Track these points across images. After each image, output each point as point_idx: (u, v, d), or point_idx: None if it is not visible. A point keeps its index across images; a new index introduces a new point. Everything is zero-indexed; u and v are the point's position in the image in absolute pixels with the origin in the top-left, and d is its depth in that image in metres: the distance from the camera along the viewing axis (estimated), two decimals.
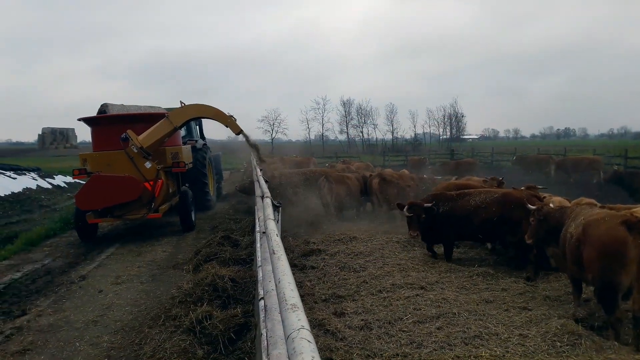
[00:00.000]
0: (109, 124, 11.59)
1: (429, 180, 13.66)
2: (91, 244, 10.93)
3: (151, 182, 11.01)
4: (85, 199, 10.51)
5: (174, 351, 4.89)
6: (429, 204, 8.13)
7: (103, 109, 12.35)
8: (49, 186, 20.77)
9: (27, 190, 18.60)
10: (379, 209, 12.94)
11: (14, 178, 19.53)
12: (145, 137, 10.96)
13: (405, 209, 8.17)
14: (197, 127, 17.44)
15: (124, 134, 10.74)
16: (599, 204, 7.21)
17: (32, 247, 10.66)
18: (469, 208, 7.99)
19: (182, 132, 14.17)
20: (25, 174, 21.16)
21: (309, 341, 1.78)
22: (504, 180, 11.08)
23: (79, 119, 12.05)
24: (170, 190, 12.32)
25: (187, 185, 13.36)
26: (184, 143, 14.14)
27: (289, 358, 1.80)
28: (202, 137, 17.67)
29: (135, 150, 10.80)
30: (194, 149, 14.56)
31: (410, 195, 11.38)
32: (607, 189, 17.89)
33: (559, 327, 5.15)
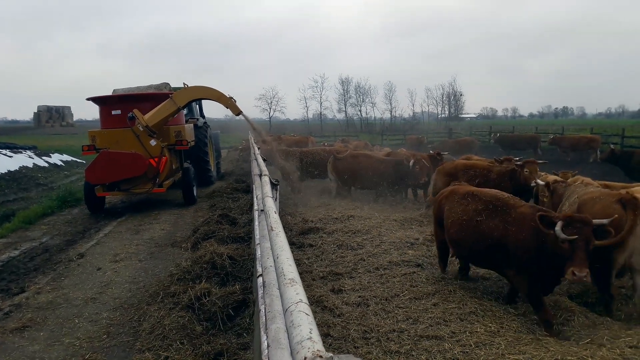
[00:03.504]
0: (117, 103, 12.19)
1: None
2: (89, 222, 10.97)
3: (156, 159, 11.62)
4: (95, 174, 11.17)
5: (172, 327, 4.95)
6: (603, 221, 4.51)
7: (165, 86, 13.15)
8: (46, 164, 20.71)
9: (23, 168, 18.54)
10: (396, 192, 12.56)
11: (10, 156, 19.45)
12: (150, 117, 11.52)
13: (558, 227, 4.41)
14: (197, 106, 17.86)
15: (131, 113, 11.34)
16: (595, 183, 7.25)
17: (29, 225, 10.67)
18: None
19: (184, 110, 14.45)
20: (21, 152, 21.08)
21: (306, 314, 1.80)
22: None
23: (88, 99, 12.53)
24: (174, 167, 12.88)
25: (189, 161, 13.93)
26: (186, 122, 14.60)
27: (287, 331, 1.83)
28: (202, 115, 18.09)
29: (141, 129, 11.39)
30: (195, 127, 15.03)
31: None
32: (604, 167, 17.94)
33: (552, 303, 5.21)
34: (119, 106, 12.03)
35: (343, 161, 12.49)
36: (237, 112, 12.29)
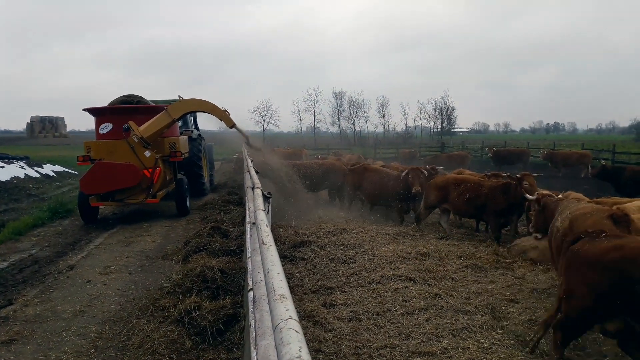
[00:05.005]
0: (112, 114, 12.34)
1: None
2: (79, 234, 10.86)
3: (150, 170, 11.75)
4: (89, 184, 11.28)
5: (162, 342, 4.87)
6: None
7: (133, 99, 12.99)
8: (38, 175, 20.52)
9: (14, 179, 18.36)
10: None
11: (2, 167, 19.25)
12: (145, 128, 11.70)
13: None
14: (192, 118, 18.10)
15: (126, 125, 11.48)
16: (587, 199, 7.30)
17: (19, 237, 10.54)
18: None
19: (179, 123, 14.61)
20: (13, 163, 20.88)
21: (296, 331, 1.78)
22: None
23: (84, 110, 12.70)
24: (168, 178, 13.02)
25: (182, 173, 14.24)
26: (181, 133, 14.80)
27: (276, 348, 1.80)
28: (197, 128, 18.38)
29: (136, 140, 11.54)
30: (190, 139, 15.27)
31: None
32: (595, 183, 18.07)
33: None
34: (114, 117, 12.19)
35: (354, 173, 12.38)
36: (231, 124, 12.46)
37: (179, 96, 12.33)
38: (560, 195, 7.08)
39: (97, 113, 12.61)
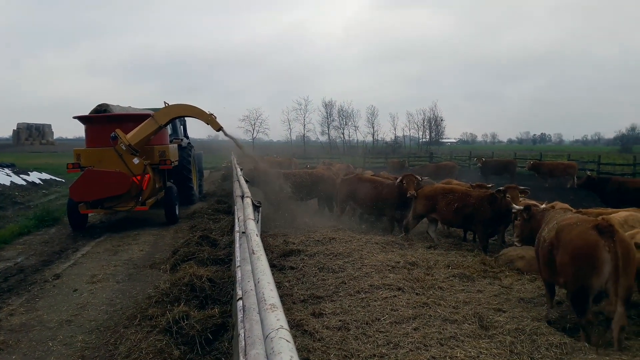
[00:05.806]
0: (101, 122, 12.40)
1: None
2: (66, 242, 10.75)
3: (139, 177, 11.80)
4: (79, 191, 11.33)
5: (149, 351, 4.84)
6: None
7: (102, 108, 12.86)
8: (24, 183, 20.30)
9: None
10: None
11: None
12: (132, 136, 11.76)
13: None
14: (182, 126, 18.27)
15: (113, 133, 11.51)
16: (573, 209, 7.39)
17: (4, 245, 10.41)
18: None
19: (169, 130, 14.90)
20: None
21: (287, 341, 1.80)
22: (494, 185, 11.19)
23: (74, 117, 12.75)
24: (157, 186, 13.07)
25: (172, 181, 14.32)
26: (170, 142, 14.93)
27: (267, 358, 1.82)
28: (186, 136, 18.47)
29: (124, 148, 11.59)
30: (179, 147, 15.39)
31: None
32: (581, 193, 18.31)
33: (532, 328, 5.25)
34: (103, 125, 12.23)
35: (347, 183, 12.39)
36: (218, 127, 12.58)
37: (165, 102, 12.35)
38: (543, 205, 7.17)
39: (87, 121, 12.63)
